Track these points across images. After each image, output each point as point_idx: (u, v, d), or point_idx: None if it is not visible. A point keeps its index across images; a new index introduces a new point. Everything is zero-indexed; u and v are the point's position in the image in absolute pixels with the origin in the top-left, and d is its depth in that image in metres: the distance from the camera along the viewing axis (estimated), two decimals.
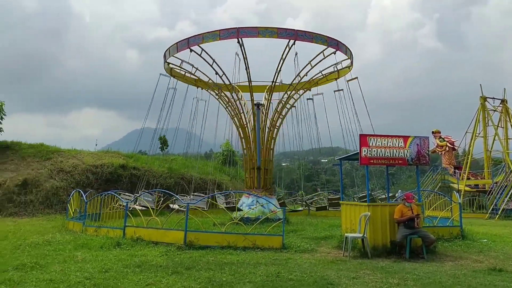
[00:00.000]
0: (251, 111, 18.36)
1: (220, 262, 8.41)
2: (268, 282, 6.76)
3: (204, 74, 18.41)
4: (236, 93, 18.06)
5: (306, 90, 19.85)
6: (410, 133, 10.51)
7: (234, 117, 18.51)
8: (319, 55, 17.60)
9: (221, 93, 18.47)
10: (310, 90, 20.44)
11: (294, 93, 18.60)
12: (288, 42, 16.28)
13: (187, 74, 19.34)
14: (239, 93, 18.76)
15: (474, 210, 25.33)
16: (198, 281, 6.72)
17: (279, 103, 18.41)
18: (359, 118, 19.44)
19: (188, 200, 18.83)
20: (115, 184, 22.10)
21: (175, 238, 10.35)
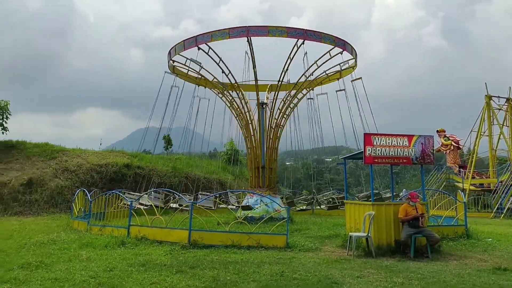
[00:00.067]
0: (256, 110, 18.36)
1: (224, 261, 8.42)
2: (272, 281, 6.77)
3: (209, 73, 18.40)
4: (240, 92, 18.04)
5: (310, 89, 19.83)
6: (415, 132, 10.48)
7: (238, 116, 18.51)
8: (325, 55, 17.62)
9: (224, 91, 18.45)
10: (313, 90, 20.43)
11: (298, 92, 18.58)
12: (296, 42, 16.28)
13: (190, 72, 19.34)
14: (243, 92, 18.74)
15: (479, 209, 25.20)
16: (203, 280, 6.74)
17: (281, 102, 18.40)
18: (363, 118, 19.40)
19: (190, 199, 18.86)
20: (120, 183, 22.16)
21: (180, 237, 10.37)
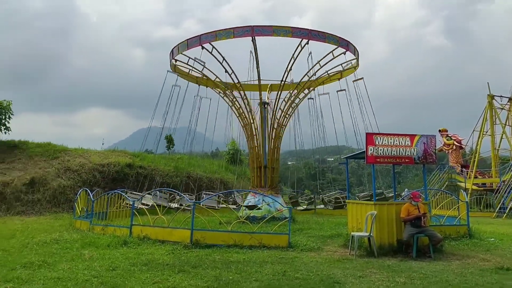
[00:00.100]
0: (258, 110, 18.37)
1: (226, 260, 8.42)
2: (274, 280, 6.77)
3: (211, 72, 18.37)
4: (243, 91, 18.05)
5: (312, 89, 19.83)
6: (417, 131, 10.47)
7: (240, 115, 18.52)
8: (328, 55, 17.65)
9: (226, 91, 18.45)
10: (314, 90, 20.43)
11: (300, 92, 18.57)
12: (300, 42, 16.29)
13: (192, 71, 19.35)
14: (245, 92, 18.74)
15: (481, 208, 25.15)
16: (205, 279, 6.74)
17: (283, 102, 18.40)
18: (365, 117, 19.42)
19: (192, 199, 18.89)
20: (122, 183, 22.21)
21: (182, 236, 10.38)
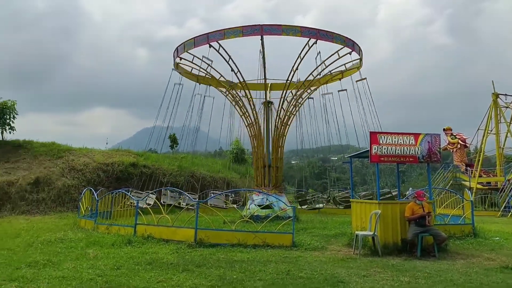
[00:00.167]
0: (261, 109, 18.38)
1: (230, 260, 8.43)
2: (278, 280, 6.77)
3: (216, 71, 18.34)
4: (248, 90, 18.06)
5: (316, 88, 19.81)
6: (421, 130, 10.44)
7: (243, 115, 18.52)
8: (334, 55, 17.72)
9: (230, 90, 18.44)
10: (317, 89, 20.41)
11: (303, 91, 18.56)
12: (308, 41, 16.32)
13: (194, 70, 19.37)
14: (250, 90, 18.74)
15: (486, 208, 25.06)
16: (209, 278, 6.75)
17: (285, 101, 18.39)
18: (369, 116, 19.40)
19: (196, 198, 18.92)
20: (126, 182, 22.24)
21: (186, 236, 10.39)
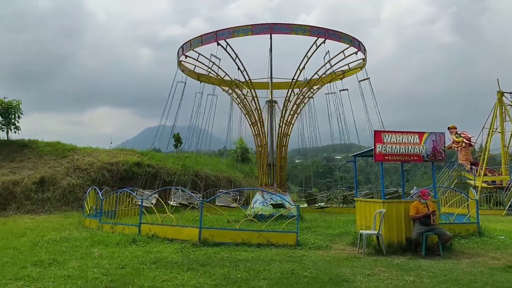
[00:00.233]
0: (266, 108, 18.39)
1: (234, 259, 8.44)
2: (283, 279, 6.77)
3: (221, 70, 18.32)
4: (253, 90, 18.07)
5: (320, 88, 19.79)
6: (426, 129, 10.40)
7: (247, 113, 18.53)
8: (339, 54, 17.81)
9: (234, 89, 18.44)
10: (320, 89, 20.40)
11: (307, 90, 18.56)
12: (316, 40, 16.36)
13: (197, 68, 19.40)
14: (254, 89, 18.73)
15: (491, 206, 24.92)
16: (213, 277, 6.77)
17: (288, 100, 18.40)
18: (373, 116, 19.40)
19: (200, 197, 18.95)
20: (130, 181, 22.30)
21: (190, 235, 10.41)
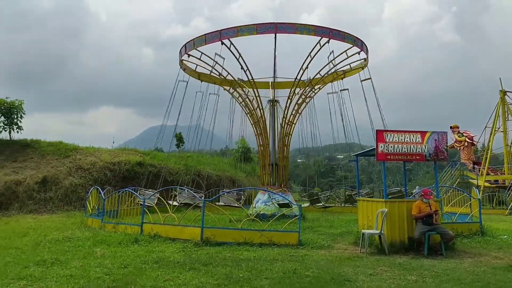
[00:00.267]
0: (267, 107, 18.40)
1: (236, 258, 8.44)
2: (285, 278, 6.77)
3: (224, 69, 18.28)
4: (256, 89, 18.09)
5: (322, 87, 19.79)
6: (428, 128, 10.38)
7: (249, 113, 18.53)
8: (342, 54, 17.84)
9: (237, 88, 18.43)
10: (321, 88, 20.38)
11: (310, 90, 18.55)
12: (319, 40, 16.38)
13: (199, 68, 19.40)
14: (257, 89, 18.73)
15: (493, 206, 24.89)
16: (215, 277, 6.77)
17: (289, 99, 18.42)
18: (374, 115, 19.39)
19: (202, 196, 18.97)
20: (132, 181, 22.33)
21: (192, 234, 10.42)
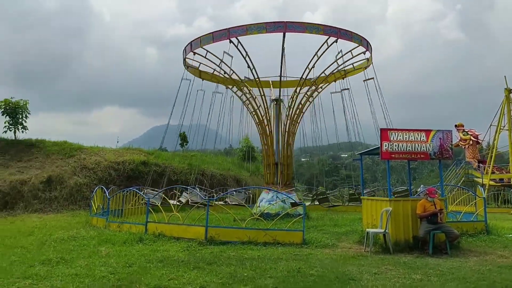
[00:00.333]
0: (271, 107, 18.39)
1: (241, 257, 8.45)
2: (289, 277, 6.77)
3: (229, 68, 18.25)
4: (261, 88, 18.06)
5: (326, 86, 19.76)
6: (432, 127, 10.33)
7: (253, 112, 18.53)
8: (347, 54, 17.89)
9: (242, 87, 18.42)
10: (325, 88, 20.36)
11: (314, 89, 18.53)
12: (327, 39, 16.38)
13: (203, 66, 19.44)
14: (262, 88, 18.71)
15: (499, 204, 24.77)
16: (220, 276, 6.77)
17: (291, 99, 18.40)
18: (378, 114, 19.37)
19: (206, 195, 19.01)
20: (137, 180, 22.39)
21: (196, 233, 10.44)
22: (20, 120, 23.07)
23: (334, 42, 16.52)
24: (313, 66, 17.38)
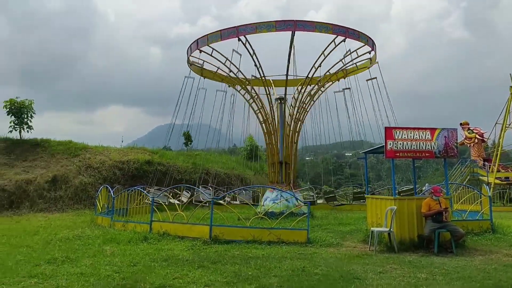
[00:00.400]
0: (276, 105, 18.37)
1: (245, 256, 8.45)
2: (294, 276, 6.76)
3: (235, 66, 18.16)
4: (267, 87, 18.03)
5: (330, 85, 19.71)
6: (437, 125, 10.29)
7: (257, 111, 18.51)
8: (353, 53, 17.89)
9: (246, 86, 18.40)
10: (329, 86, 20.30)
11: (318, 88, 18.49)
12: (334, 39, 16.37)
13: (207, 65, 19.43)
14: (267, 87, 18.66)
15: (504, 203, 24.65)
16: (224, 275, 6.78)
17: (293, 99, 18.38)
18: (383, 113, 19.29)
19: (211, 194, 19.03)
20: (141, 179, 22.44)
21: (201, 232, 10.45)
22: (25, 120, 23.19)
23: (342, 41, 16.50)
24: (319, 65, 17.35)
